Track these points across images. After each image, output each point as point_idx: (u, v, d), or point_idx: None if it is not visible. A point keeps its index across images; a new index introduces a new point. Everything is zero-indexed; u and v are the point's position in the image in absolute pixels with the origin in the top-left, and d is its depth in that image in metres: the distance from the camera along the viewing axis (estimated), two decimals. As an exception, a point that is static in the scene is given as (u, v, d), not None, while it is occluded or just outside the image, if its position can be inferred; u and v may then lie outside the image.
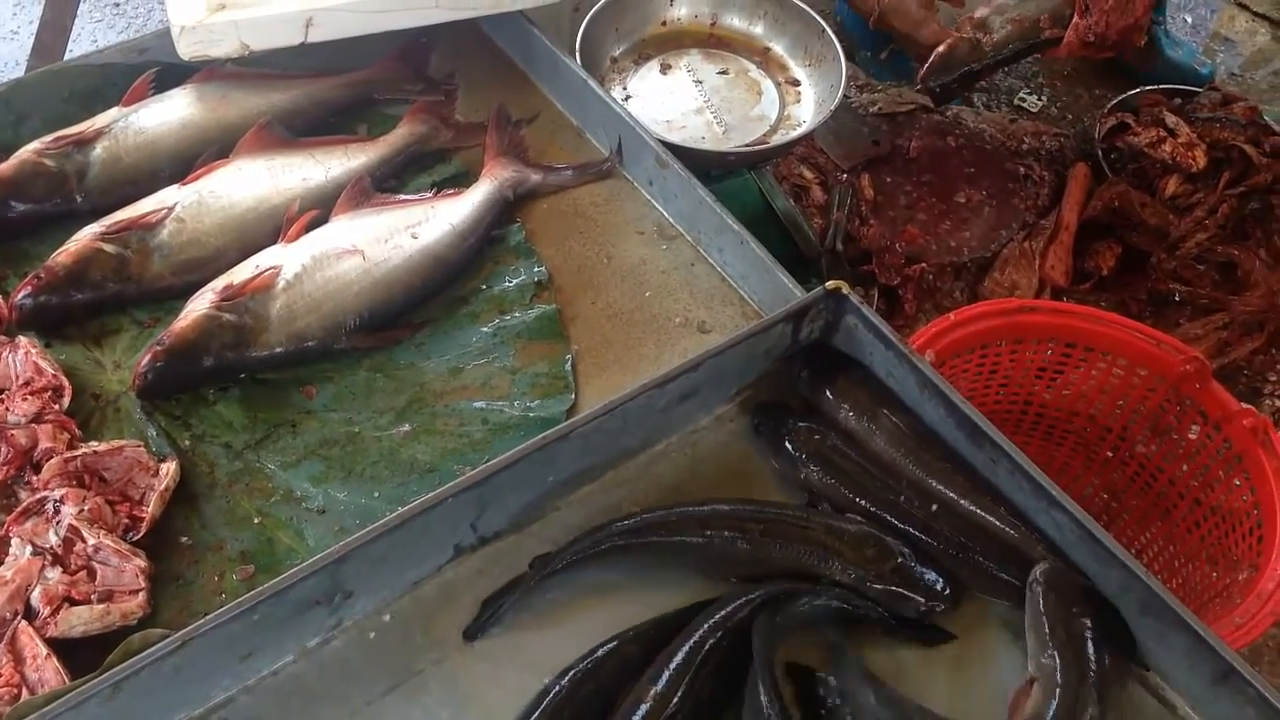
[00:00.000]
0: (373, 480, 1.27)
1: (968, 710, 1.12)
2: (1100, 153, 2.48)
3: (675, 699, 1.04)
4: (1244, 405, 1.56)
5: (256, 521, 1.23)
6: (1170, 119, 2.38)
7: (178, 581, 1.17)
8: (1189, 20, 3.23)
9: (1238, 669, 1.07)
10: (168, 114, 1.52)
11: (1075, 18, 2.06)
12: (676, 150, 1.57)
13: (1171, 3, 3.20)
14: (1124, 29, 2.06)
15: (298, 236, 1.40)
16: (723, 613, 1.11)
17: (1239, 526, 1.54)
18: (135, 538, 1.18)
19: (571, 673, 1.08)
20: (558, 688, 1.07)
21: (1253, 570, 1.45)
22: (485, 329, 1.42)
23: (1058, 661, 1.08)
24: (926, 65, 2.13)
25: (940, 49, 2.13)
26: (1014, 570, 1.18)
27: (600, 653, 1.09)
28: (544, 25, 1.69)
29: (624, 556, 1.18)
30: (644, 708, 1.03)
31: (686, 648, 1.07)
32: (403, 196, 1.50)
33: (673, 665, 1.06)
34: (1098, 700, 1.07)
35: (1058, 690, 1.06)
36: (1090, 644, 1.10)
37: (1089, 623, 1.11)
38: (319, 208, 1.46)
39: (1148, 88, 2.62)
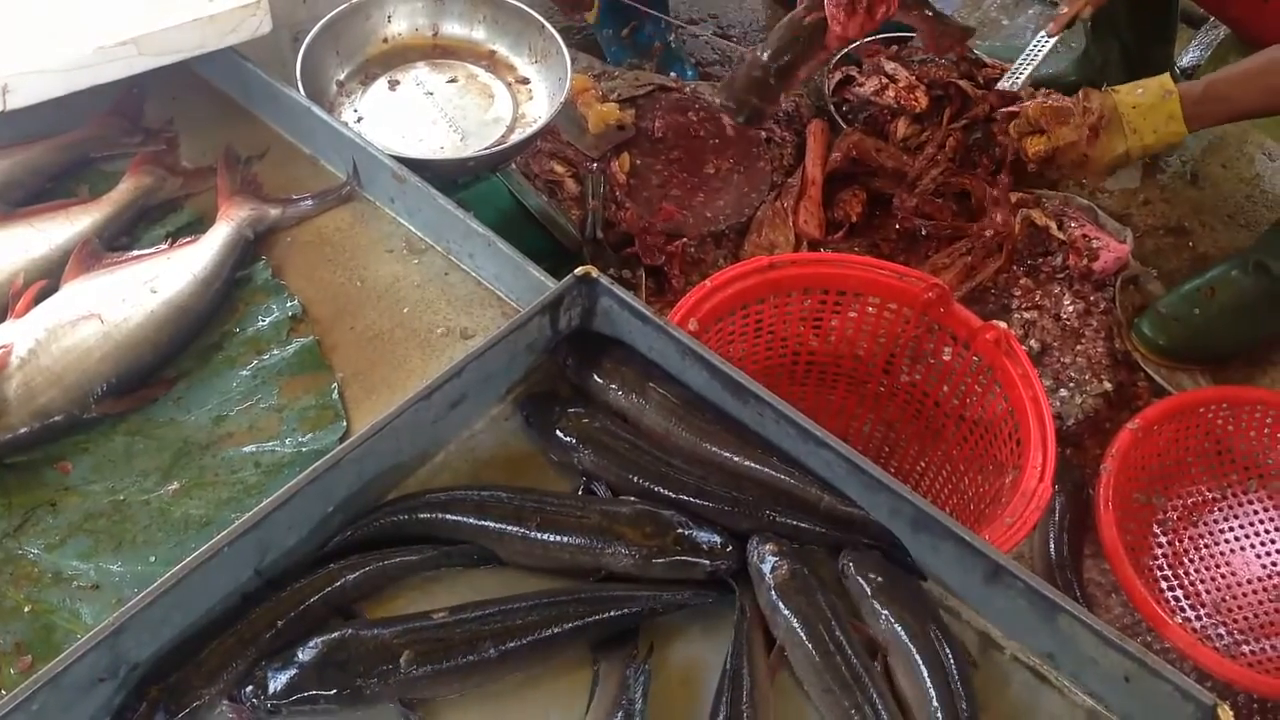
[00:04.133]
0: (146, 545, 1.22)
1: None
2: (833, 107, 2.60)
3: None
4: (986, 322, 1.66)
5: (27, 610, 1.17)
6: (889, 66, 2.51)
7: (-51, 689, 1.11)
8: (897, -29, 3.39)
9: (1004, 565, 1.14)
10: None
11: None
12: (417, 164, 1.57)
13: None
14: None
15: (26, 310, 1.34)
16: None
17: (1000, 434, 1.64)
18: (-106, 652, 1.11)
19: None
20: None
21: (1016, 471, 1.55)
22: (244, 372, 1.38)
23: (898, 627, 1.14)
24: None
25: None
26: (794, 513, 1.22)
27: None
28: (265, 58, 1.65)
29: (399, 532, 1.20)
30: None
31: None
32: (136, 252, 1.45)
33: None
34: (943, 632, 1.14)
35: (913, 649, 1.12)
36: (911, 601, 1.17)
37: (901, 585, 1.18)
38: (48, 278, 1.40)
39: (866, 39, 2.75)
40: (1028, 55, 2.32)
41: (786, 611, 1.13)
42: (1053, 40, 2.30)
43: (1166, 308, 2.31)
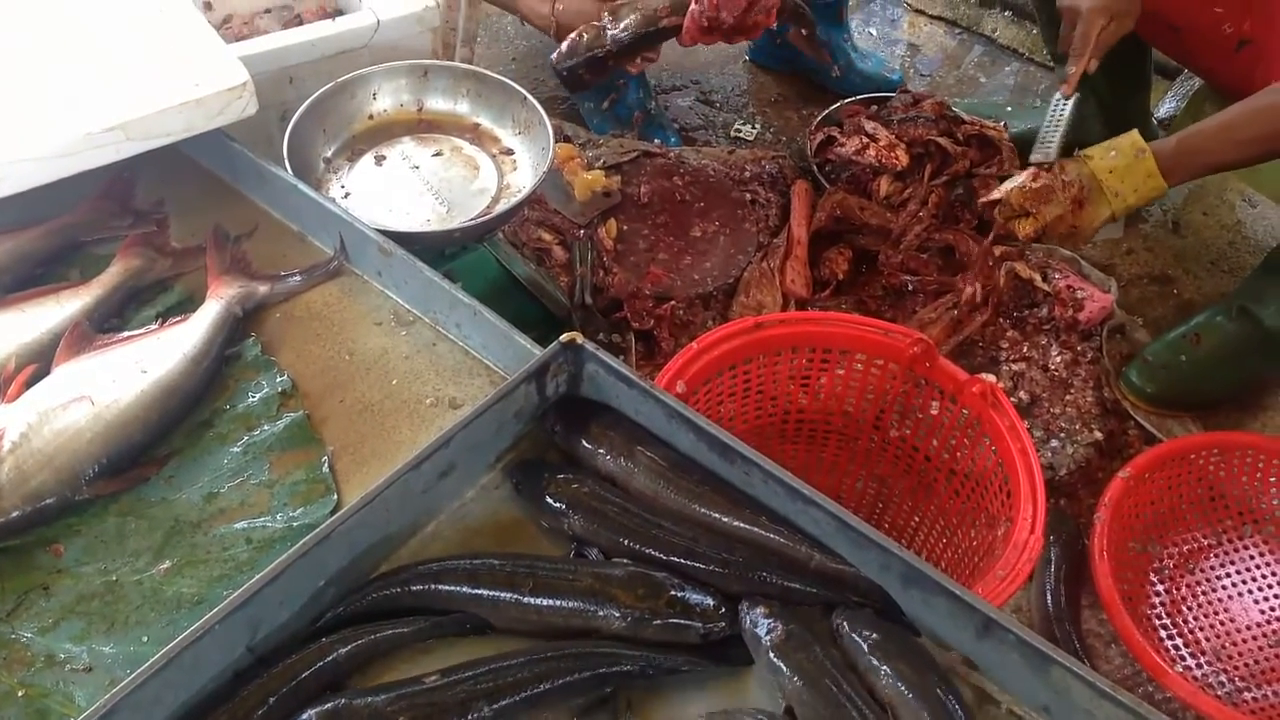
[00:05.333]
0: (139, 625, 1.22)
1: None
2: (815, 167, 2.64)
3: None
4: (972, 375, 1.67)
5: (21, 695, 1.17)
6: (869, 125, 2.55)
7: (-58, 778, 1.11)
8: (874, 33, 3.46)
9: (995, 619, 1.14)
10: None
11: (691, 4, 2.17)
12: (403, 237, 1.59)
13: (857, 19, 3.44)
14: (740, 13, 2.14)
15: (18, 394, 1.35)
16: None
17: (990, 486, 1.64)
18: (-114, 742, 1.11)
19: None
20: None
21: (1008, 523, 1.55)
22: (235, 448, 1.39)
23: (900, 683, 1.13)
24: (557, 51, 2.22)
25: (571, 36, 2.22)
26: (785, 573, 1.22)
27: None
28: (252, 138, 1.68)
29: (391, 606, 1.20)
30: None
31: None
32: (126, 333, 1.47)
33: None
34: (945, 684, 1.14)
35: (911, 701, 1.12)
36: (909, 654, 1.17)
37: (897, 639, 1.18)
38: (39, 362, 1.41)
39: (847, 100, 2.80)
40: (1051, 121, 2.26)
41: (788, 671, 1.13)
42: (1071, 101, 2.27)
43: (1153, 355, 2.33)
